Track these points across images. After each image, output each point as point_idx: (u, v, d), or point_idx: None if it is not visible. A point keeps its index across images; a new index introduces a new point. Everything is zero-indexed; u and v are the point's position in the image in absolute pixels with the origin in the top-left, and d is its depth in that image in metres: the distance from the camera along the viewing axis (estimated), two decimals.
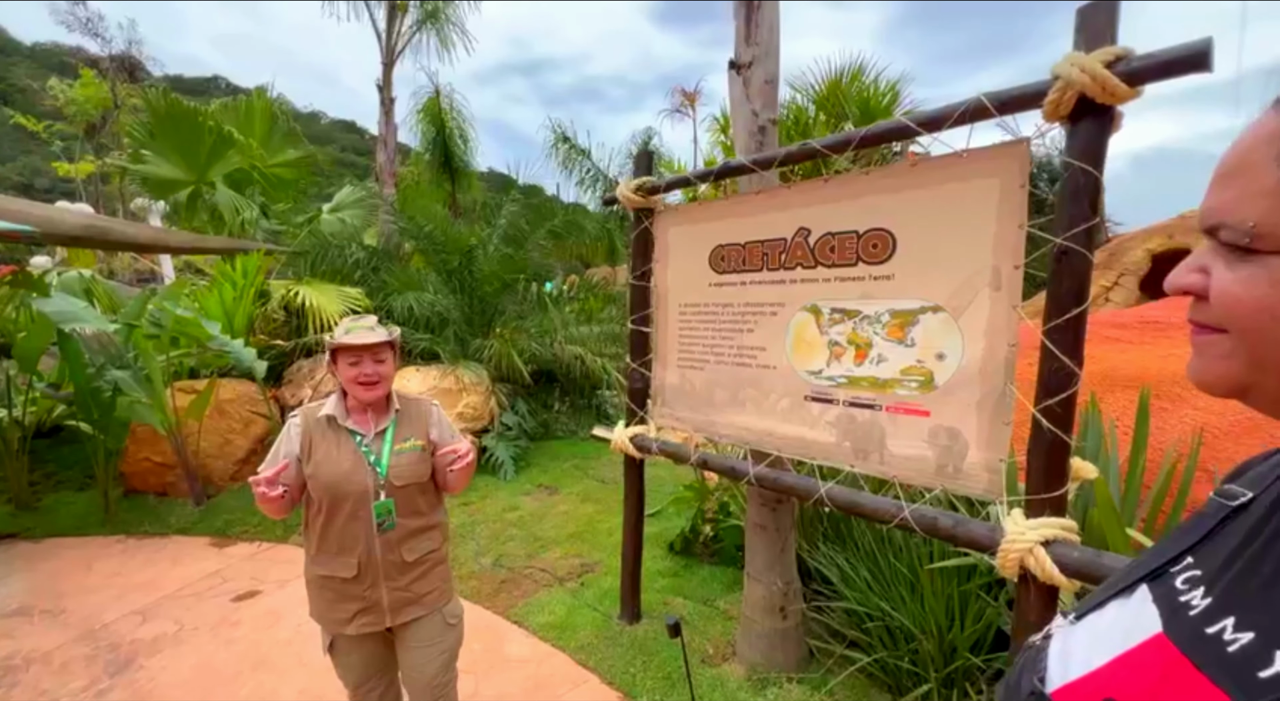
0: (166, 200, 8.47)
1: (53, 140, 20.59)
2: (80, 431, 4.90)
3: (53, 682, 2.70)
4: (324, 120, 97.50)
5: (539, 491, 5.34)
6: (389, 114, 9.16)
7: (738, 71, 2.60)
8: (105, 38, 23.22)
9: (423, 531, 1.89)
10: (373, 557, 1.80)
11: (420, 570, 1.87)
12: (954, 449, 1.85)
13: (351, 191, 9.37)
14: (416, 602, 1.87)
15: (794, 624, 2.73)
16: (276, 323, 6.64)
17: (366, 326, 1.83)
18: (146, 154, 7.46)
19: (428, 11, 9.39)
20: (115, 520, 4.62)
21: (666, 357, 2.89)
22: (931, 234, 1.89)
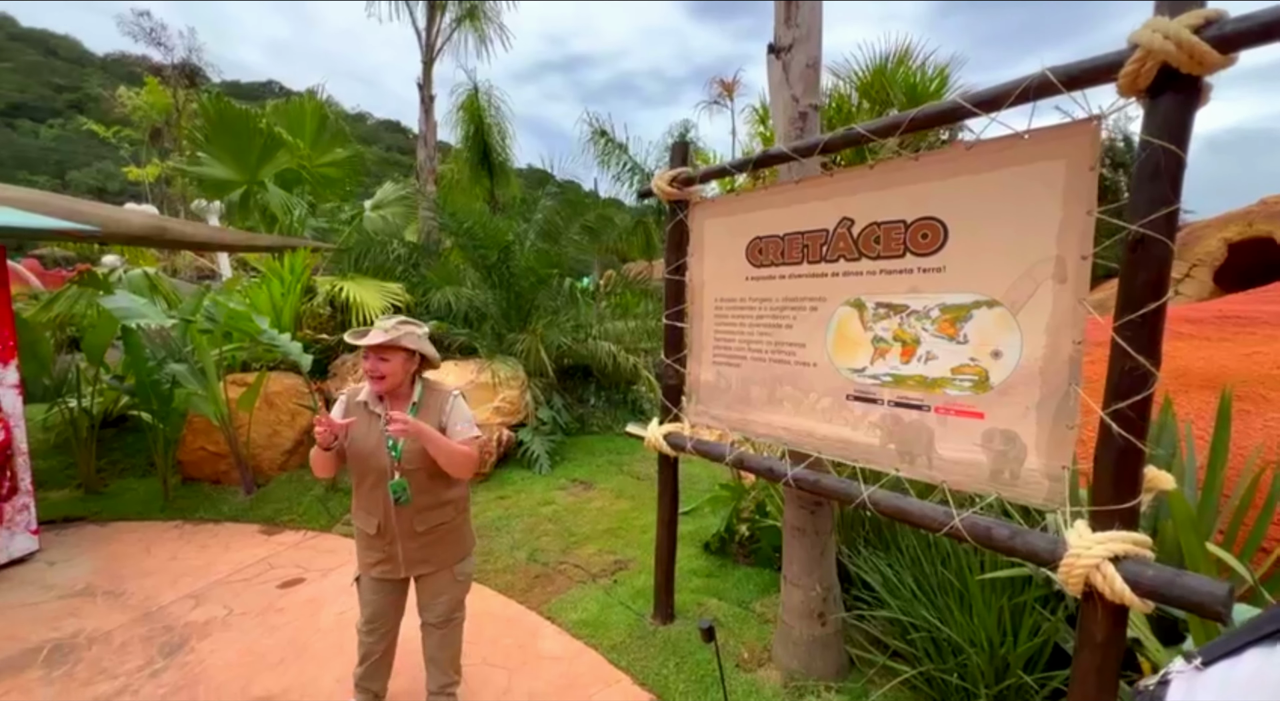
0: (221, 200, 8.84)
1: (122, 145, 21.82)
2: (142, 421, 5.16)
3: (112, 661, 2.83)
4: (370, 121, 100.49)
5: (574, 486, 5.34)
6: (429, 112, 9.31)
7: (777, 55, 2.49)
8: (168, 46, 24.45)
9: (434, 507, 2.16)
10: (390, 522, 2.13)
11: (432, 537, 2.18)
12: (1010, 454, 1.72)
13: (393, 189, 9.57)
14: (427, 561, 2.20)
15: (833, 631, 2.63)
16: (322, 317, 6.84)
17: (381, 327, 2.08)
18: (202, 156, 7.79)
19: (466, 10, 9.49)
20: (173, 506, 4.84)
21: (701, 354, 2.81)
22: (988, 222, 1.75)
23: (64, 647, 2.93)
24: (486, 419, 5.84)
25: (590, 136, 11.02)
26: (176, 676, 2.72)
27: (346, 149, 9.22)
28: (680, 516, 4.42)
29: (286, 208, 7.75)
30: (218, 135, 7.47)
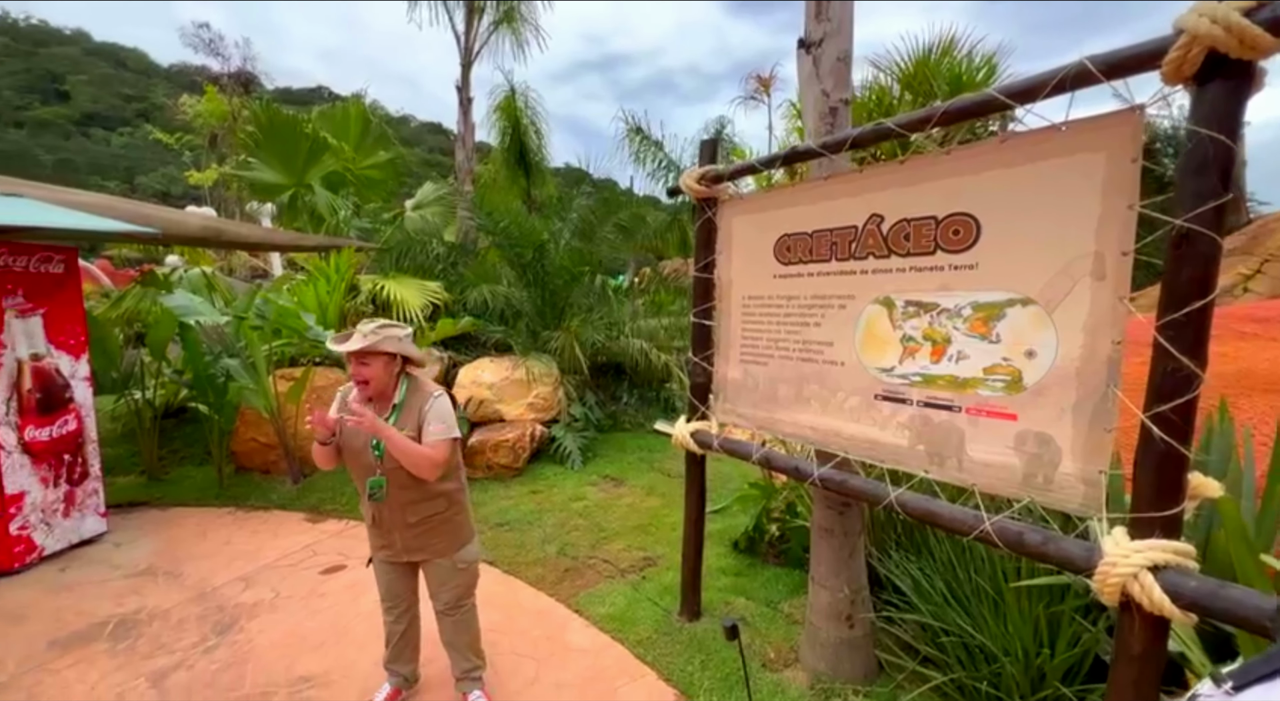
0: (272, 202, 9.24)
1: (184, 151, 23.02)
2: (199, 413, 5.45)
3: (170, 637, 3.02)
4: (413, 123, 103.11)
5: (605, 482, 5.39)
6: (467, 114, 9.51)
7: (807, 50, 2.46)
8: (225, 56, 25.67)
9: (423, 500, 2.24)
10: (381, 515, 2.25)
11: (425, 527, 2.27)
12: (1044, 457, 1.66)
13: (433, 189, 9.82)
14: (423, 549, 2.30)
15: (862, 633, 2.59)
16: (365, 314, 7.08)
17: (361, 332, 2.13)
18: (253, 161, 8.16)
19: (503, 12, 9.65)
20: (227, 493, 5.10)
21: (729, 352, 2.80)
22: (1023, 218, 1.70)
23: (127, 623, 3.14)
24: (520, 414, 5.95)
25: (625, 134, 11.06)
26: (227, 654, 2.88)
27: (389, 151, 9.50)
28: (710, 515, 4.43)
29: (332, 209, 8.06)
30: (268, 140, 7.82)
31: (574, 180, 10.52)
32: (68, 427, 4.05)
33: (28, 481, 3.80)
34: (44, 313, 3.93)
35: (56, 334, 4.01)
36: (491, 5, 9.62)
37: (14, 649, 2.91)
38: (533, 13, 10.01)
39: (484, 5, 9.56)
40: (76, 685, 2.64)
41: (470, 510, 2.46)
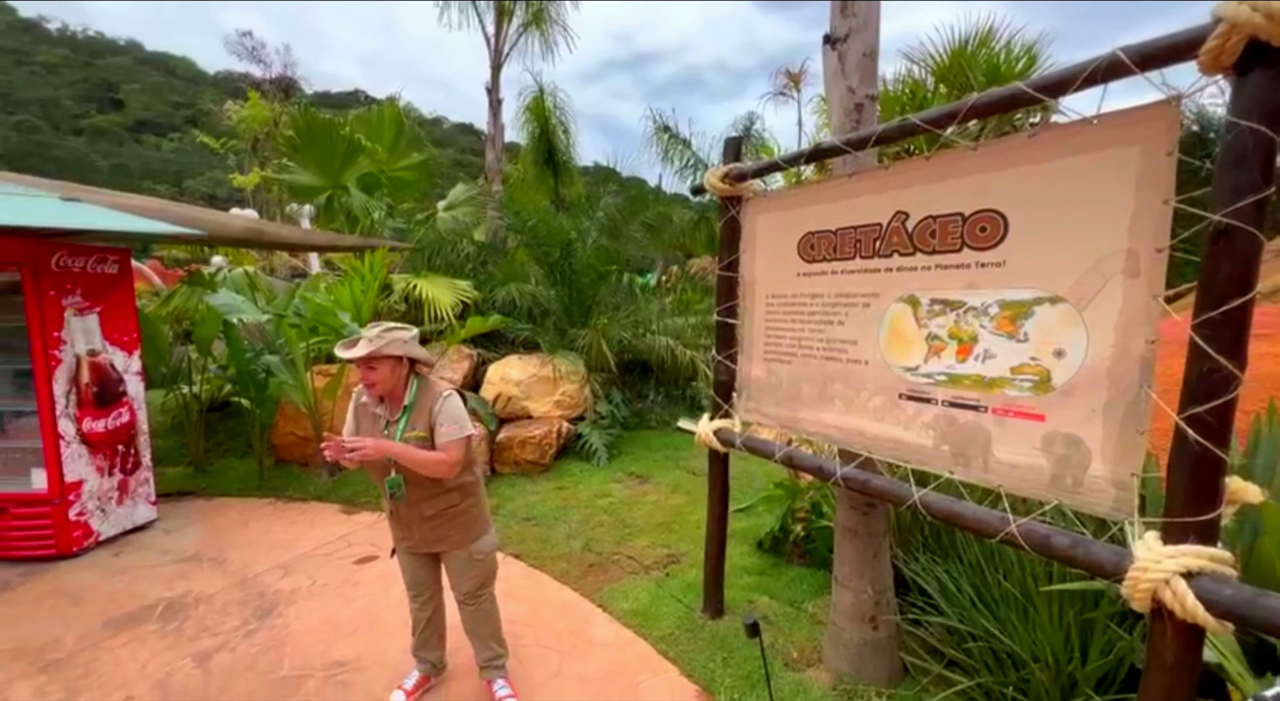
0: (310, 203, 9.54)
1: (229, 155, 23.88)
2: (242, 407, 5.69)
3: (214, 620, 3.17)
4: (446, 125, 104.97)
5: (630, 479, 5.43)
6: (496, 115, 9.66)
7: (832, 46, 2.44)
8: (267, 63, 26.55)
9: (437, 495, 2.30)
10: (399, 510, 2.34)
11: (441, 520, 2.34)
12: (1073, 459, 1.63)
13: (464, 190, 10.00)
14: (442, 540, 2.38)
15: (886, 635, 2.56)
16: (398, 313, 7.25)
17: (367, 337, 2.18)
18: (291, 164, 8.44)
19: (531, 14, 9.76)
20: (268, 485, 5.30)
21: (752, 350, 2.80)
22: (1052, 214, 1.66)
23: (175, 606, 3.30)
24: (547, 412, 6.02)
25: (653, 133, 11.07)
26: (267, 638, 3.00)
27: (421, 153, 9.71)
28: (735, 513, 4.42)
29: (366, 210, 8.28)
30: (306, 144, 8.09)
31: (602, 179, 10.58)
32: (121, 420, 4.27)
33: (85, 470, 4.02)
34: (100, 311, 4.14)
35: (111, 331, 4.23)
36: (520, 7, 9.73)
37: (73, 627, 3.09)
38: (561, 14, 10.10)
39: (513, 7, 9.68)
40: (129, 663, 2.80)
41: (486, 503, 2.51)
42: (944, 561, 2.69)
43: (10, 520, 3.83)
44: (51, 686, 2.63)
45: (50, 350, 3.84)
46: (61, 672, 2.73)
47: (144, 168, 65.05)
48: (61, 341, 3.90)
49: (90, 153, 67.70)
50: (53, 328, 3.85)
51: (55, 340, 3.86)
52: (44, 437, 3.86)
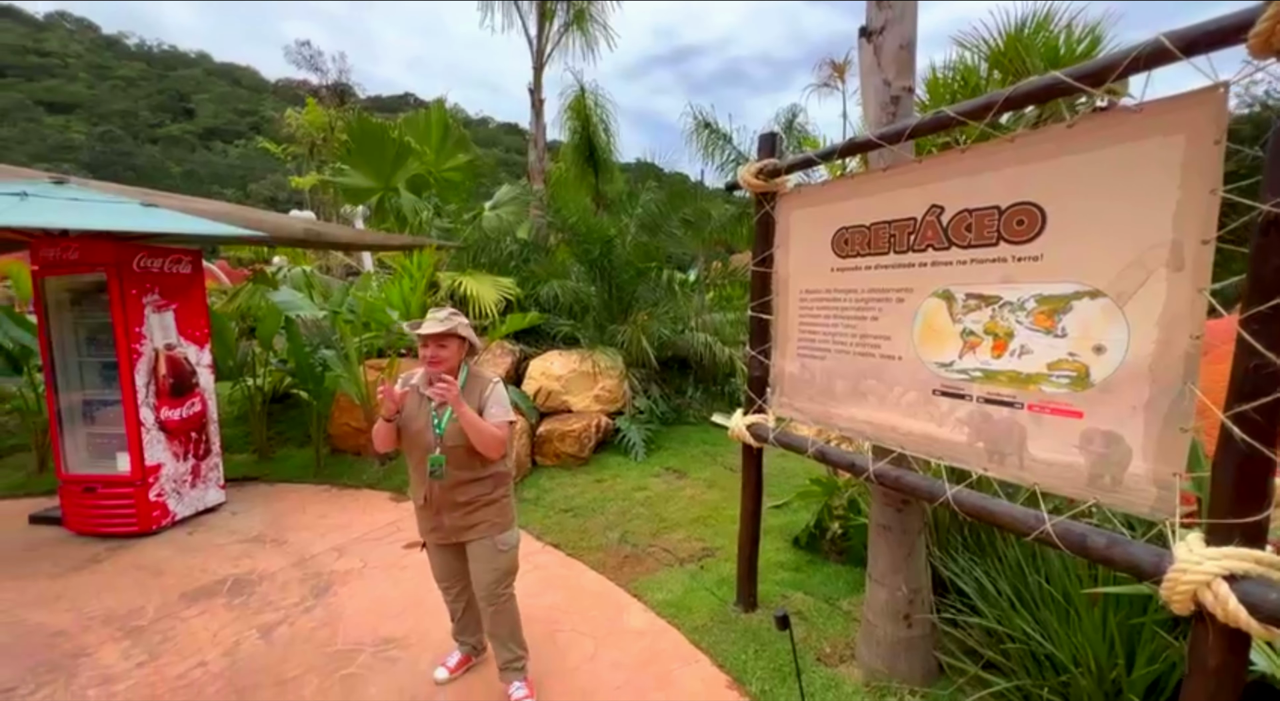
0: (363, 205, 9.95)
1: (288, 160, 25.07)
2: (301, 398, 6.02)
3: (276, 596, 3.40)
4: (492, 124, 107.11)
5: (667, 474, 5.48)
6: (539, 115, 9.84)
7: (868, 38, 2.41)
8: (323, 70, 27.74)
9: (473, 481, 2.37)
10: (433, 494, 2.36)
11: (471, 507, 2.38)
12: (1112, 457, 1.59)
13: (509, 190, 10.22)
14: (471, 529, 2.41)
15: (920, 634, 2.53)
16: None
17: (438, 318, 2.27)
18: (345, 167, 8.83)
19: (574, 13, 9.87)
20: (324, 472, 5.61)
21: (786, 346, 2.80)
22: (1092, 206, 1.62)
23: (241, 581, 3.56)
24: (586, 406, 6.14)
25: (693, 129, 11.04)
26: (323, 614, 3.20)
27: (467, 153, 9.97)
28: (772, 510, 4.42)
29: (415, 210, 8.58)
30: (359, 147, 8.45)
31: (643, 175, 10.62)
32: (194, 409, 4.60)
33: (163, 455, 4.36)
34: (175, 308, 4.48)
35: (185, 326, 4.56)
36: (562, 8, 9.87)
37: (153, 598, 3.37)
38: (602, 13, 10.18)
39: (554, 8, 9.82)
40: (202, 632, 3.04)
41: (514, 496, 2.55)
42: (983, 562, 2.64)
43: (99, 499, 4.20)
44: (135, 650, 2.89)
45: (132, 344, 4.17)
46: (143, 638, 2.99)
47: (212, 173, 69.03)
48: (142, 336, 4.24)
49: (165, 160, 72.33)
50: (134, 323, 4.18)
51: (137, 335, 4.20)
52: (127, 425, 4.21)
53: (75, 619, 3.16)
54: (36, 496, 4.97)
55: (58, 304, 4.42)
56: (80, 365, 4.50)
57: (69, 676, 2.69)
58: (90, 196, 4.19)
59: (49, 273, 4.22)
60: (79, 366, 4.50)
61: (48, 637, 2.99)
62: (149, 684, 2.64)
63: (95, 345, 4.45)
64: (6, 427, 6.56)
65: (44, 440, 5.49)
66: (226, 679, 2.67)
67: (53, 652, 2.86)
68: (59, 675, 2.70)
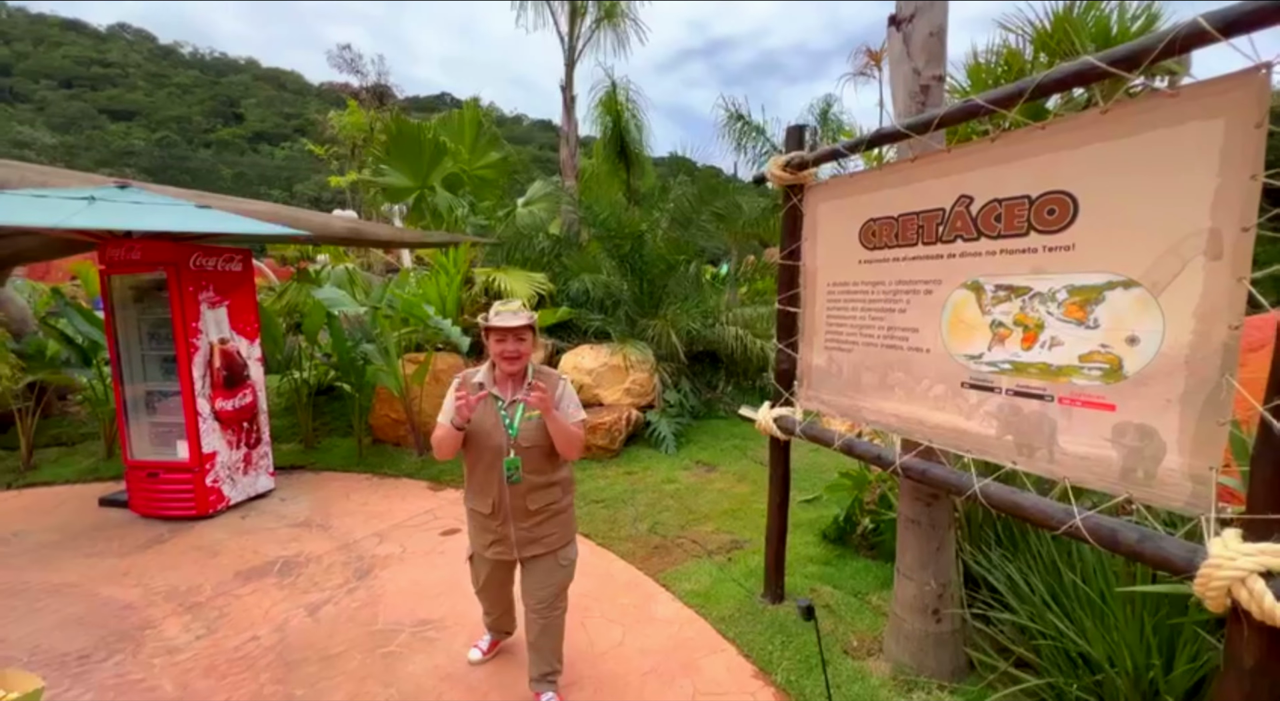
0: (402, 203, 10.24)
1: (331, 160, 25.89)
2: (344, 391, 6.27)
3: (321, 578, 3.57)
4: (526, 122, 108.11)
5: (697, 467, 5.51)
6: (571, 111, 9.93)
7: (897, 27, 2.38)
8: (363, 73, 28.49)
9: (545, 486, 2.24)
10: (503, 501, 2.21)
11: (541, 517, 2.25)
12: (1146, 451, 1.55)
13: (541, 186, 10.37)
14: (537, 542, 2.26)
15: (950, 629, 2.51)
16: (479, 304, 7.69)
17: (511, 310, 2.16)
18: (384, 167, 9.10)
19: (605, 10, 9.92)
20: (365, 462, 5.83)
21: (813, 338, 2.80)
22: (1126, 194, 1.58)
23: (290, 563, 3.75)
24: (617, 399, 6.21)
25: (725, 121, 10.95)
26: (365, 595, 3.36)
27: (499, 151, 10.15)
28: (802, 503, 4.42)
29: (450, 208, 8.80)
30: (396, 148, 8.70)
31: (675, 169, 10.62)
32: (246, 400, 4.85)
33: (218, 443, 4.62)
34: (228, 304, 4.72)
35: (236, 321, 4.80)
36: (593, 5, 9.92)
37: (210, 576, 3.59)
38: (632, 9, 10.20)
39: (586, 6, 9.88)
40: (255, 609, 3.23)
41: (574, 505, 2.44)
42: (1015, 558, 2.59)
43: (162, 483, 4.47)
44: (195, 624, 3.09)
45: (189, 339, 4.42)
46: (202, 613, 3.19)
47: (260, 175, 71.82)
48: (198, 331, 4.49)
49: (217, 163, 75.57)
50: (191, 319, 4.43)
51: (194, 330, 4.45)
52: (185, 414, 4.47)
53: (141, 594, 3.39)
54: (105, 481, 5.33)
55: (122, 301, 4.71)
56: (143, 358, 4.79)
57: (136, 646, 2.90)
58: (150, 199, 4.45)
59: (115, 271, 4.50)
60: (142, 359, 4.79)
61: (117, 610, 3.22)
62: (208, 655, 2.83)
63: (156, 339, 4.73)
64: (78, 417, 7.03)
65: (111, 428, 5.86)
66: (277, 652, 2.84)
67: (122, 624, 3.09)
68: (128, 644, 2.91)
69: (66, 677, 2.66)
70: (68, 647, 2.88)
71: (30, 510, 4.70)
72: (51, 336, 6.22)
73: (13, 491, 5.16)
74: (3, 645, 2.90)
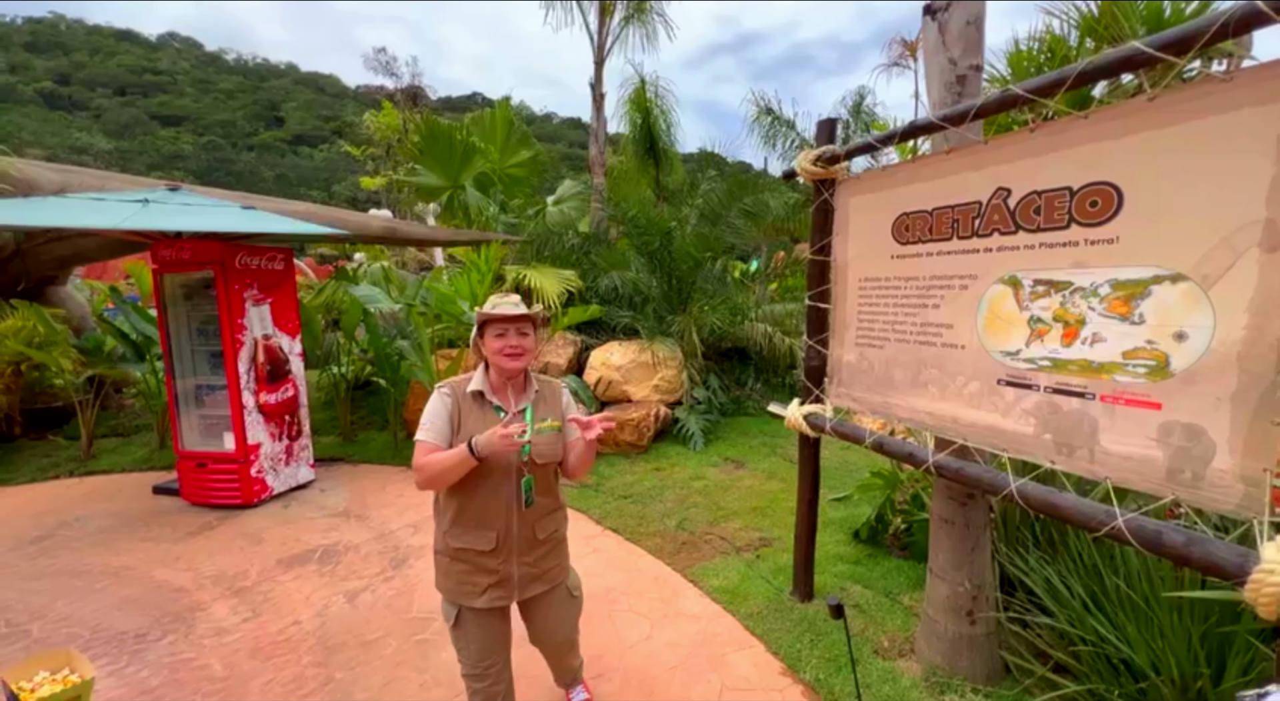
0: (436, 202, 10.44)
1: (367, 161, 26.56)
2: (380, 386, 6.44)
3: (359, 566, 3.69)
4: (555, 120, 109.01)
5: (725, 464, 5.50)
6: (600, 109, 9.96)
7: (932, 16, 2.33)
8: (398, 75, 29.10)
9: (552, 511, 1.98)
10: (510, 532, 1.86)
11: (547, 548, 1.97)
12: (1193, 452, 1.50)
13: (570, 185, 10.44)
14: (542, 578, 1.97)
15: (984, 632, 2.46)
16: None
17: (511, 302, 1.86)
18: (417, 167, 9.29)
19: (633, 7, 9.91)
20: (400, 455, 5.98)
21: (844, 335, 2.76)
22: (1174, 184, 1.52)
23: (330, 551, 3.89)
24: (645, 396, 6.23)
25: (755, 116, 10.84)
26: (400, 583, 3.46)
27: (529, 150, 10.25)
28: (832, 502, 4.37)
29: (481, 207, 8.93)
30: (429, 148, 8.87)
31: (704, 165, 10.56)
32: (287, 394, 5.03)
33: (262, 435, 4.80)
34: (271, 301, 4.90)
35: (279, 318, 4.98)
36: (621, 4, 9.93)
37: (255, 563, 3.74)
38: (660, 4, 10.17)
39: (614, 4, 9.90)
40: (296, 594, 3.36)
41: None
42: (1054, 561, 2.52)
43: (210, 473, 4.68)
44: (242, 607, 3.23)
45: (235, 335, 4.61)
46: (248, 597, 3.34)
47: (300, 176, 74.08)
48: (243, 327, 4.67)
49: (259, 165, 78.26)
50: (237, 316, 4.61)
51: (239, 326, 4.63)
52: (232, 407, 4.66)
53: (192, 578, 3.56)
54: (158, 470, 5.60)
55: (173, 298, 4.94)
56: (192, 353, 5.01)
57: (188, 627, 3.05)
58: (199, 201, 4.65)
59: (166, 270, 4.72)
60: (191, 354, 5.01)
61: (170, 592, 3.39)
62: (254, 637, 2.95)
63: (204, 335, 4.94)
64: (133, 409, 7.39)
65: (163, 420, 6.15)
66: (318, 637, 2.95)
67: (175, 605, 3.25)
68: (180, 625, 3.06)
69: (125, 654, 2.82)
70: (126, 626, 3.05)
71: (90, 496, 4.97)
72: (109, 333, 6.54)
73: (75, 478, 5.46)
74: (68, 622, 3.09)
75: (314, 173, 76.08)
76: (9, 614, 3.16)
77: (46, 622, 3.09)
